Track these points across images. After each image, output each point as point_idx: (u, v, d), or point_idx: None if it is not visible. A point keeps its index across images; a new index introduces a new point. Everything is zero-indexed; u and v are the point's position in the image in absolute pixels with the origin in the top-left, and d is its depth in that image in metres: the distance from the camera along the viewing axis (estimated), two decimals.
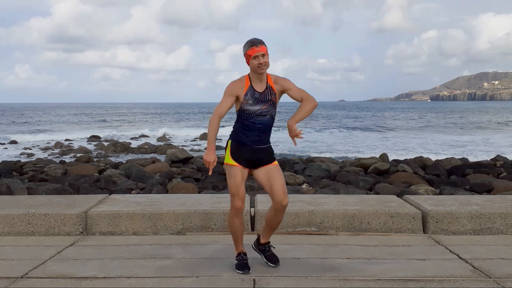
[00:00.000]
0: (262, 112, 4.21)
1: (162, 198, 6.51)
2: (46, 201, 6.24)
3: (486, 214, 5.63)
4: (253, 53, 4.09)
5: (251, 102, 4.19)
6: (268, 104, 4.22)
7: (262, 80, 4.23)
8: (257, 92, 4.21)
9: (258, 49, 4.09)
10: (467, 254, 4.83)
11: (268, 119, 4.26)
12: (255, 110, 4.20)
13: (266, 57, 4.13)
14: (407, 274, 4.25)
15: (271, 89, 4.23)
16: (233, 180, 4.22)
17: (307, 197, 6.53)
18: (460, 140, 34.08)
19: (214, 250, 5.00)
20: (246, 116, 4.23)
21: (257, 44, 4.10)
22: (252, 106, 4.20)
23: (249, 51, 4.11)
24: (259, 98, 4.20)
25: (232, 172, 4.23)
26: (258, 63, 4.10)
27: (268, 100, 4.22)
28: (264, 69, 4.15)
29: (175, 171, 13.65)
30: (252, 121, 4.22)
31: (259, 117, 4.22)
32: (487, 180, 11.24)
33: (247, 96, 4.20)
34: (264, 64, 4.12)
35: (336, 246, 5.13)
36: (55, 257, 4.80)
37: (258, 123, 4.23)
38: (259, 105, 4.20)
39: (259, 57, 4.09)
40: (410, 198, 6.35)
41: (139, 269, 4.42)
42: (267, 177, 4.27)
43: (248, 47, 4.12)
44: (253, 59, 4.11)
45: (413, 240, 5.38)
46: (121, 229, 5.64)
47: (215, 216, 5.66)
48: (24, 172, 14.24)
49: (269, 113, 4.25)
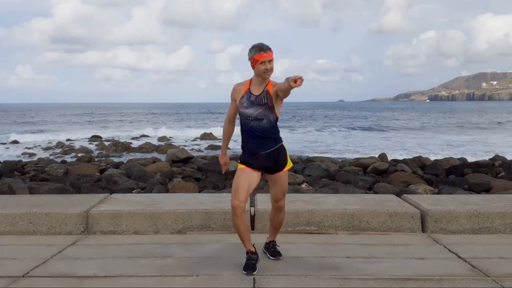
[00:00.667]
0: (257, 116, 4.19)
1: (162, 197, 6.52)
2: (47, 200, 6.24)
3: (484, 214, 5.63)
4: (261, 59, 4.10)
5: (246, 104, 4.22)
6: (263, 107, 4.19)
7: (263, 84, 4.23)
8: (253, 95, 4.22)
9: (266, 55, 4.10)
10: (466, 253, 4.83)
11: (266, 124, 4.22)
12: (250, 114, 4.20)
13: (272, 63, 4.15)
14: (406, 273, 4.25)
15: (267, 93, 4.20)
16: (236, 180, 4.26)
17: (307, 197, 6.53)
18: (459, 140, 34.08)
19: (214, 249, 4.99)
20: (243, 121, 4.28)
21: (265, 50, 4.10)
22: (246, 109, 4.21)
23: (256, 56, 4.11)
24: (254, 101, 4.20)
25: (238, 173, 4.27)
26: (264, 68, 4.11)
27: (264, 104, 4.19)
28: (269, 74, 4.18)
29: (175, 171, 13.65)
30: (249, 127, 4.24)
31: (255, 121, 4.20)
32: (486, 179, 11.24)
33: (243, 99, 4.23)
34: (270, 70, 4.15)
35: (335, 245, 5.13)
36: (56, 256, 4.80)
37: (255, 129, 4.22)
38: (254, 108, 4.19)
39: (266, 62, 4.11)
40: (409, 198, 6.34)
41: (140, 268, 4.41)
42: (273, 182, 4.38)
43: (256, 52, 4.12)
44: (260, 64, 4.11)
45: (412, 239, 5.38)
46: (122, 228, 5.64)
47: (216, 216, 5.66)
48: (25, 171, 14.24)
49: (266, 118, 4.21)
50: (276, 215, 4.54)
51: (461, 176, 12.72)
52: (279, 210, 4.49)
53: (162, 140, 33.64)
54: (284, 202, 4.49)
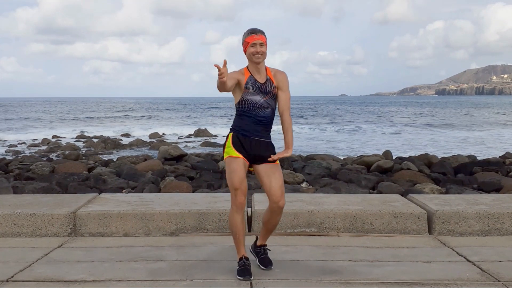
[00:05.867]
0: (263, 104, 4.26)
1: (154, 197, 6.51)
2: (32, 200, 6.23)
3: (494, 214, 5.64)
4: (252, 40, 4.17)
5: (252, 91, 4.24)
6: (269, 95, 4.29)
7: (261, 72, 4.28)
8: (258, 82, 4.27)
9: (257, 37, 4.17)
10: (475, 256, 4.84)
11: (270, 112, 4.32)
12: (256, 101, 4.25)
13: (264, 47, 4.19)
14: (412, 277, 4.26)
15: (271, 81, 4.31)
16: (236, 172, 4.19)
17: (307, 197, 6.54)
18: (468, 137, 34.15)
19: (209, 252, 4.99)
20: (247, 109, 4.26)
21: (257, 32, 4.19)
22: (253, 96, 4.25)
23: (247, 38, 4.19)
24: (260, 88, 4.26)
25: (236, 164, 4.21)
26: (254, 50, 4.16)
27: (269, 92, 4.29)
28: (260, 58, 4.20)
29: (168, 169, 13.63)
30: (254, 114, 4.26)
31: (260, 109, 4.26)
32: (496, 178, 11.26)
33: (248, 85, 4.24)
34: (260, 54, 4.17)
35: (337, 248, 5.14)
36: (42, 259, 4.79)
37: (260, 116, 4.27)
38: (261, 96, 4.26)
39: (257, 45, 4.17)
40: (415, 198, 6.35)
41: (131, 272, 4.41)
42: (267, 175, 4.28)
43: (248, 34, 4.21)
44: (250, 47, 4.18)
45: (418, 242, 5.39)
46: (111, 230, 5.63)
47: (210, 217, 5.66)
48: (9, 170, 14.20)
49: (271, 106, 4.31)
50: (273, 217, 4.37)
51: (470, 174, 12.74)
52: (277, 211, 4.32)
53: (154, 136, 33.62)
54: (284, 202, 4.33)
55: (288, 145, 4.31)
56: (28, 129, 41.06)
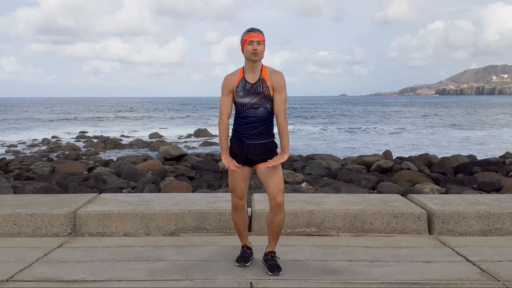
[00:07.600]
0: (253, 105, 4.24)
1: (154, 197, 6.51)
2: (32, 200, 6.23)
3: (494, 214, 5.64)
4: (249, 38, 4.18)
5: (241, 94, 4.25)
6: (259, 96, 4.23)
7: (256, 71, 4.25)
8: (248, 83, 4.25)
9: (254, 35, 4.18)
10: (475, 256, 4.84)
11: (262, 112, 4.25)
12: (246, 102, 4.25)
13: (262, 46, 4.19)
14: (412, 277, 4.26)
15: (264, 82, 4.24)
16: (231, 177, 4.40)
17: (307, 196, 6.53)
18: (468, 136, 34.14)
19: (209, 252, 4.99)
20: (239, 109, 4.30)
21: (254, 31, 4.21)
22: (242, 98, 4.25)
23: (245, 36, 4.20)
24: (249, 90, 4.24)
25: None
26: (252, 48, 4.15)
27: (259, 93, 4.23)
28: (258, 57, 4.18)
29: (168, 169, 13.65)
30: (244, 114, 4.28)
31: (250, 109, 4.26)
32: (496, 178, 11.27)
33: (238, 88, 4.27)
34: (258, 52, 4.16)
35: (337, 248, 5.14)
36: (42, 259, 4.79)
37: (251, 116, 4.26)
38: (249, 97, 4.23)
39: (254, 43, 4.16)
40: (415, 198, 6.35)
41: (130, 272, 4.41)
42: (265, 173, 4.29)
43: (246, 33, 4.22)
44: (248, 45, 4.18)
45: (418, 242, 5.39)
46: (111, 230, 5.63)
47: (210, 216, 5.66)
48: (9, 170, 14.22)
49: (263, 106, 4.25)
50: (275, 216, 4.33)
51: (470, 174, 12.76)
52: (277, 209, 4.28)
53: (154, 136, 33.63)
54: (283, 199, 4.30)
55: (284, 149, 4.24)
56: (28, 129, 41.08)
